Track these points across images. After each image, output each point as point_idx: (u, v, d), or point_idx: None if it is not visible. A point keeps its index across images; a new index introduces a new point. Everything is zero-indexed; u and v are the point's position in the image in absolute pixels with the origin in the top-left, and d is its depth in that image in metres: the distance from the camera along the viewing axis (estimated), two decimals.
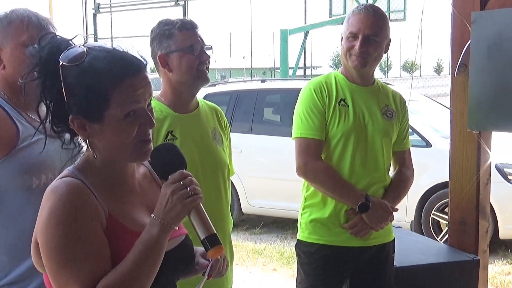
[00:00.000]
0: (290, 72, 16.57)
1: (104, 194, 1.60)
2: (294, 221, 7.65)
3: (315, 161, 2.93)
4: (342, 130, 2.93)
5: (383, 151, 2.99)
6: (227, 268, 1.93)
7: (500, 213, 6.50)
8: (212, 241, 1.61)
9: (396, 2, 15.52)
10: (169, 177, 1.60)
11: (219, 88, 8.82)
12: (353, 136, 2.93)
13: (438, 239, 6.51)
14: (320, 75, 3.22)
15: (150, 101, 1.64)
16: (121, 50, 1.63)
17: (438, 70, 48.00)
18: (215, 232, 1.63)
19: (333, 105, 2.94)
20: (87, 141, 1.62)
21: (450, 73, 3.62)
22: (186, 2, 19.67)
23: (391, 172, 3.14)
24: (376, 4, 15.94)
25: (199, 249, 1.84)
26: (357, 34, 2.91)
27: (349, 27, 2.95)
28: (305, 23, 17.77)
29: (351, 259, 2.98)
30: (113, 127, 1.58)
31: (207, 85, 3.62)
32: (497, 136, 3.75)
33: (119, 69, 1.57)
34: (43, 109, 1.63)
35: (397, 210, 3.02)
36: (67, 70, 1.55)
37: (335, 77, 3.04)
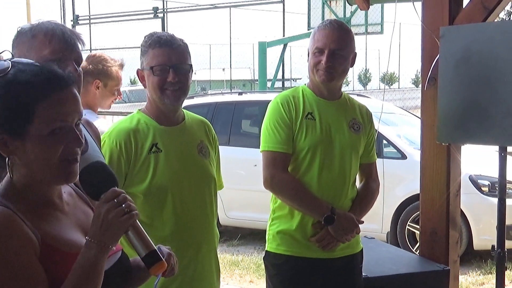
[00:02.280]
0: (269, 84, 16.62)
1: (34, 219, 1.50)
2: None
3: (281, 174, 2.96)
4: (309, 143, 2.96)
5: (350, 164, 3.03)
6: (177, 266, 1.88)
7: (474, 224, 6.57)
8: (153, 257, 1.57)
9: (373, 16, 15.66)
10: (102, 196, 1.54)
11: (197, 100, 8.85)
12: (320, 149, 2.96)
13: (413, 250, 6.56)
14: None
15: (79, 119, 1.56)
16: (48, 64, 1.57)
17: (417, 82, 48.33)
18: (155, 248, 1.58)
19: (300, 119, 2.98)
20: (7, 161, 1.52)
21: (421, 86, 3.68)
22: (165, 14, 19.71)
23: (358, 184, 3.18)
24: (354, 18, 16.17)
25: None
26: (323, 49, 2.96)
27: (315, 43, 3.00)
28: (284, 36, 17.87)
29: (319, 271, 3.00)
30: (36, 144, 1.49)
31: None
32: (471, 148, 3.82)
33: (45, 82, 1.50)
34: None
35: (362, 222, 3.06)
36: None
37: (302, 91, 3.08)
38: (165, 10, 20.51)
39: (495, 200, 4.78)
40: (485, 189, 6.69)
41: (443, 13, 3.54)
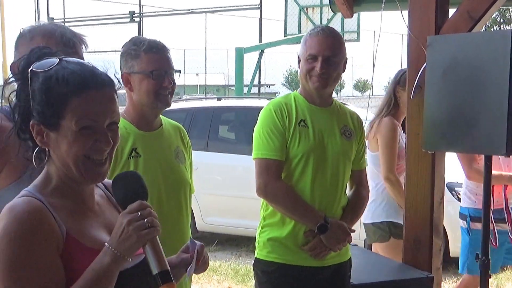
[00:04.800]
0: (245, 90, 16.63)
1: (63, 213, 1.55)
2: (249, 238, 7.71)
3: (275, 181, 2.96)
4: (302, 150, 2.96)
5: (343, 171, 3.04)
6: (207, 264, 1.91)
7: (450, 232, 6.63)
8: (165, 277, 1.55)
9: (349, 23, 15.78)
10: (128, 206, 1.55)
11: (174, 105, 8.79)
12: (313, 156, 2.96)
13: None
14: (274, 93, 3.27)
15: (114, 122, 1.59)
16: (93, 65, 1.61)
17: None
18: (168, 268, 1.57)
19: (293, 126, 2.98)
20: (47, 152, 1.59)
21: (407, 95, 3.70)
22: (141, 18, 19.63)
23: (348, 191, 3.19)
24: (330, 25, 16.22)
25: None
26: (316, 56, 2.96)
27: (308, 49, 3.00)
28: (260, 42, 17.90)
29: (309, 279, 3.00)
30: (66, 138, 1.54)
31: None
32: (447, 156, 3.85)
33: (81, 80, 1.54)
34: None
35: (354, 231, 3.07)
36: (34, 75, 1.55)
37: (294, 98, 3.07)
38: (141, 14, 20.42)
39: None
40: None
41: (429, 22, 3.57)
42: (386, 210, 4.24)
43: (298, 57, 3.08)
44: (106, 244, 1.52)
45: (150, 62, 2.58)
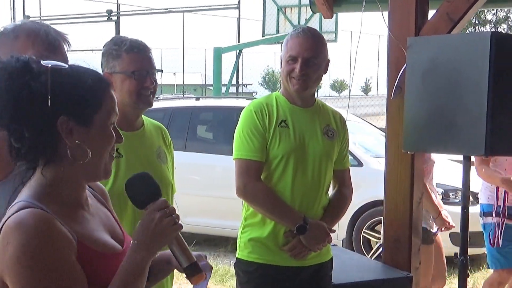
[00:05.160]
0: (223, 89, 16.62)
1: (67, 220, 1.51)
2: (227, 238, 7.71)
3: (254, 182, 2.95)
4: (282, 151, 2.96)
5: (325, 172, 3.04)
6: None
7: None
8: (194, 269, 1.64)
9: (327, 24, 15.84)
10: (152, 204, 1.61)
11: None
12: (293, 157, 2.96)
13: (368, 257, 6.64)
14: (251, 93, 3.27)
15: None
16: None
17: (366, 90, 49.06)
18: (195, 259, 1.66)
19: (273, 127, 2.97)
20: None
21: (387, 95, 3.72)
22: (118, 17, 19.53)
23: (330, 191, 3.20)
24: (309, 25, 16.25)
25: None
26: (296, 57, 2.96)
27: (289, 51, 3.00)
28: (238, 42, 17.90)
29: (290, 279, 3.01)
30: (100, 132, 1.55)
31: None
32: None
33: (102, 77, 1.59)
34: None
35: (334, 231, 3.08)
36: (56, 72, 1.50)
37: (275, 98, 3.07)
38: (118, 13, 20.31)
39: (448, 208, 4.91)
40: (439, 197, 6.80)
41: (409, 23, 3.60)
42: None
43: (280, 58, 3.08)
44: (134, 241, 1.56)
45: (132, 62, 2.57)
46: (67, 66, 1.52)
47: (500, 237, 4.34)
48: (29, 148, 1.51)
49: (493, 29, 42.54)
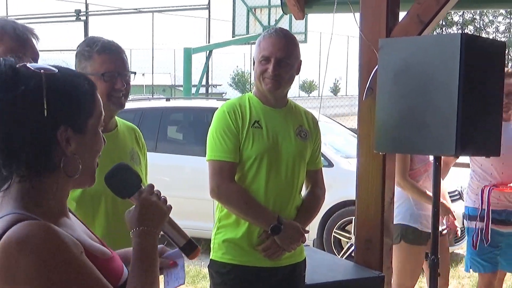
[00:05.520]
0: (193, 90, 16.58)
1: (63, 229, 1.41)
2: (198, 240, 7.65)
3: (228, 183, 2.95)
4: (256, 151, 2.96)
5: (298, 172, 3.05)
6: None
7: None
8: (191, 245, 1.73)
9: (297, 25, 15.88)
10: (143, 189, 1.65)
11: None
12: (266, 157, 2.97)
13: (339, 257, 6.68)
14: (221, 93, 3.27)
15: None
16: None
17: (335, 91, 49.30)
18: (189, 236, 1.74)
19: (246, 127, 2.98)
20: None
21: (358, 96, 3.75)
22: (87, 17, 19.36)
23: (303, 191, 3.21)
24: (278, 26, 16.33)
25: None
26: (269, 58, 2.97)
27: (261, 51, 3.01)
28: (209, 42, 17.87)
29: (264, 279, 3.01)
30: (93, 137, 1.50)
31: None
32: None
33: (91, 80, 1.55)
34: None
35: (308, 231, 3.09)
36: (51, 77, 1.41)
37: (248, 99, 3.08)
38: (87, 13, 20.13)
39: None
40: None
41: (381, 25, 3.63)
42: (400, 213, 4.24)
43: (253, 59, 3.09)
44: (138, 228, 1.58)
45: (103, 63, 2.55)
46: (57, 70, 1.44)
47: (487, 239, 4.26)
48: (21, 161, 1.40)
49: (459, 31, 43.13)
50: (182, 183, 7.75)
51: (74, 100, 1.45)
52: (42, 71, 1.41)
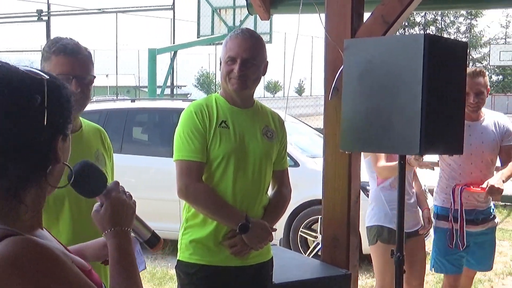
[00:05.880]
0: (158, 91, 16.50)
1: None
2: (164, 241, 7.63)
3: (196, 183, 2.96)
4: (223, 151, 2.97)
5: (265, 172, 3.07)
6: None
7: (363, 229, 6.80)
8: (156, 237, 1.75)
9: (262, 25, 15.92)
10: (109, 187, 1.63)
11: (88, 107, 8.62)
12: (234, 157, 2.98)
13: (305, 256, 6.72)
14: (185, 94, 3.27)
15: None
16: None
17: (300, 91, 49.56)
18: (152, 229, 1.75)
19: (214, 127, 2.99)
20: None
21: (324, 96, 3.78)
22: (49, 17, 19.11)
23: (270, 191, 3.23)
24: (243, 26, 16.35)
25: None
26: (235, 58, 2.98)
27: (228, 52, 3.02)
28: (173, 43, 17.79)
29: (231, 279, 3.02)
30: (69, 142, 1.45)
31: None
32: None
33: None
34: None
35: (275, 230, 3.11)
36: (50, 84, 1.35)
37: (215, 99, 3.08)
38: (49, 13, 19.88)
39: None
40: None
41: (346, 26, 3.66)
42: (375, 214, 4.33)
43: (220, 59, 3.10)
44: (111, 229, 1.55)
45: (58, 65, 2.48)
46: (48, 76, 1.37)
47: (463, 242, 4.25)
48: (10, 174, 1.30)
49: (422, 31, 43.63)
50: (148, 184, 7.72)
51: (65, 107, 1.40)
52: (45, 77, 1.34)
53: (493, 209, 4.59)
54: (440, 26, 47.48)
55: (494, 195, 4.25)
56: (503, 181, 4.25)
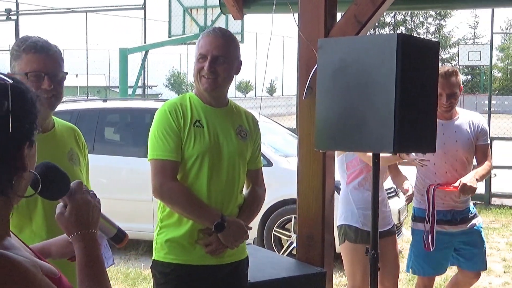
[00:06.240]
0: (129, 91, 16.40)
1: (13, 252, 1.30)
2: (137, 241, 7.63)
3: (170, 182, 2.95)
4: (197, 151, 2.97)
5: (239, 171, 3.08)
6: None
7: (335, 228, 6.84)
8: (122, 233, 1.77)
9: (233, 25, 15.89)
10: (73, 188, 1.59)
11: (59, 107, 8.54)
12: (208, 156, 2.98)
13: (279, 255, 6.74)
14: (157, 94, 3.26)
15: None
16: None
17: (271, 91, 49.60)
18: (117, 225, 1.76)
19: (188, 126, 2.98)
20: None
21: (298, 95, 3.80)
22: (18, 16, 18.88)
23: (244, 190, 3.24)
24: (215, 26, 16.34)
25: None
26: (206, 55, 2.99)
27: (199, 49, 3.03)
28: (144, 42, 17.69)
29: (207, 278, 3.02)
30: (35, 149, 1.40)
31: None
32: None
33: None
34: None
35: (251, 228, 3.13)
36: (14, 89, 1.31)
37: (189, 98, 3.08)
38: (18, 12, 19.63)
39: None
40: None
41: (319, 25, 3.69)
42: (342, 213, 4.34)
43: (194, 58, 3.10)
44: (77, 233, 1.52)
45: (28, 63, 2.48)
46: (11, 81, 1.33)
47: (432, 243, 4.21)
48: None
49: (391, 31, 44.06)
50: (121, 185, 7.68)
51: (31, 111, 1.36)
52: (11, 84, 1.30)
53: (473, 208, 4.54)
54: (409, 27, 48.00)
55: (467, 194, 4.20)
56: (477, 180, 4.21)
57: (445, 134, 4.26)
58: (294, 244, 7.01)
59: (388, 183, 5.30)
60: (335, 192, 4.12)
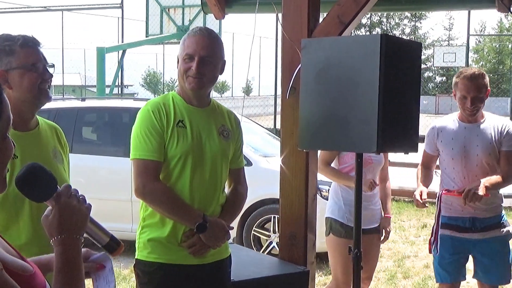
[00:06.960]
0: (107, 90, 16.32)
1: None
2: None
3: (153, 182, 2.95)
4: (180, 151, 2.97)
5: (221, 171, 3.09)
6: None
7: (317, 227, 6.87)
8: (115, 242, 1.69)
9: (211, 25, 15.90)
10: (59, 191, 1.55)
11: None
12: (191, 156, 2.99)
13: (262, 254, 6.75)
14: (133, 93, 3.25)
15: None
16: None
17: (248, 91, 49.63)
18: (111, 233, 1.69)
19: (171, 126, 2.98)
20: None
21: (281, 95, 3.81)
22: None
23: (226, 189, 3.25)
24: (192, 26, 16.31)
25: None
26: (193, 56, 2.99)
27: (185, 49, 3.02)
28: (122, 42, 17.62)
29: (190, 277, 3.02)
30: (3, 144, 1.44)
31: None
32: None
33: None
34: None
35: (232, 228, 3.14)
36: None
37: (172, 98, 3.08)
38: None
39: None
40: (326, 193, 7.02)
41: (302, 26, 3.70)
42: (330, 207, 4.43)
43: (177, 57, 3.10)
44: (57, 237, 1.48)
45: (29, 55, 2.53)
46: None
47: (434, 246, 4.10)
48: None
49: (367, 33, 44.31)
50: (99, 184, 7.62)
51: (3, 109, 1.38)
52: None
53: (503, 217, 4.25)
54: (385, 28, 48.34)
55: (471, 201, 3.95)
56: (487, 187, 3.94)
57: (466, 137, 4.12)
58: (274, 244, 7.04)
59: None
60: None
